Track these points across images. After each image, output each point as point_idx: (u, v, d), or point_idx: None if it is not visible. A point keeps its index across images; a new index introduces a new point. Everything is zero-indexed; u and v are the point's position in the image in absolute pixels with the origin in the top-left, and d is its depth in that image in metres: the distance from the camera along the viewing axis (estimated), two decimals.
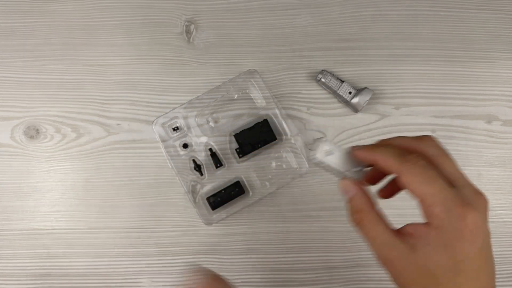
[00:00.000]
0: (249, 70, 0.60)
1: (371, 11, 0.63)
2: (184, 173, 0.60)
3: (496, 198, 0.62)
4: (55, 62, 0.62)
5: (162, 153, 0.60)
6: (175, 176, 0.60)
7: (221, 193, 0.59)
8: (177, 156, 0.60)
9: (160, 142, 0.60)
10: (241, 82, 0.61)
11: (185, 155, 0.60)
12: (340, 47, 0.63)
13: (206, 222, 0.59)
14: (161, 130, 0.60)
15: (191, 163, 0.60)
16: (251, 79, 0.60)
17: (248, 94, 0.61)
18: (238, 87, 0.61)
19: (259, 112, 0.61)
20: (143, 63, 0.62)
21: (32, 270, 0.61)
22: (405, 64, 0.63)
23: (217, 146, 0.61)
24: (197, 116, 0.60)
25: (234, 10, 0.63)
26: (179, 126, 0.60)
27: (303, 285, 0.61)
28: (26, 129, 0.61)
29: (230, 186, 0.59)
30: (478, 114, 0.63)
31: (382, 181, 0.37)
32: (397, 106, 0.62)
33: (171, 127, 0.60)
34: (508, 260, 0.61)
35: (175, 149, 0.60)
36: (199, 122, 0.61)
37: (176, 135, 0.60)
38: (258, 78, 0.60)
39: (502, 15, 0.64)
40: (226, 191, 0.59)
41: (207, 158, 0.60)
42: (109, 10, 0.63)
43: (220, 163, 0.60)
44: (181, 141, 0.60)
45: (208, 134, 0.61)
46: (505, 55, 0.63)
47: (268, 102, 0.61)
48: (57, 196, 0.61)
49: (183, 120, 0.60)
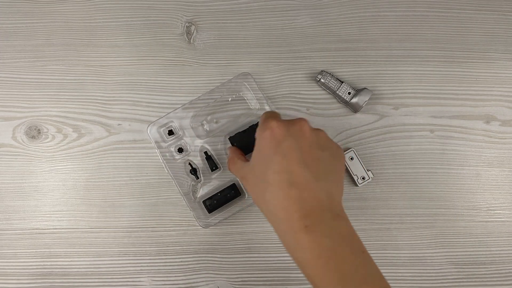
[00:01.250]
0: (243, 73, 0.61)
1: (370, 12, 0.64)
2: (180, 177, 0.60)
3: (495, 198, 0.62)
4: (56, 62, 0.63)
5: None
6: (175, 176, 0.60)
7: (217, 196, 0.59)
8: (173, 160, 0.60)
9: (156, 148, 0.60)
10: (235, 85, 0.61)
11: (181, 159, 0.61)
12: (339, 47, 0.63)
13: (203, 225, 0.59)
14: (156, 135, 0.60)
15: (187, 167, 0.60)
16: (245, 82, 0.61)
17: (242, 97, 0.61)
18: (231, 90, 0.61)
19: (254, 113, 0.61)
20: (144, 64, 0.63)
21: (33, 269, 0.61)
22: (404, 64, 0.63)
23: (212, 149, 0.61)
24: (191, 120, 0.61)
25: (234, 11, 0.63)
26: (173, 130, 0.60)
27: (302, 284, 0.61)
28: (27, 129, 0.62)
29: (226, 189, 0.59)
30: (477, 114, 0.63)
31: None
32: (396, 107, 0.63)
33: (166, 131, 0.60)
34: (507, 260, 0.62)
35: (171, 154, 0.61)
36: (193, 126, 0.61)
37: (171, 140, 0.60)
38: (251, 81, 0.60)
39: (500, 15, 0.64)
40: (222, 193, 0.59)
41: (202, 161, 0.61)
42: (110, 11, 0.63)
43: (215, 166, 0.60)
44: (176, 145, 0.60)
45: (203, 137, 0.61)
46: (504, 56, 0.63)
47: (262, 103, 0.61)
48: (58, 195, 0.62)
49: (178, 124, 0.61)
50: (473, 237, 0.62)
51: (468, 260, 0.62)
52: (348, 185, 0.62)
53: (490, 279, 0.61)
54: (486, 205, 0.62)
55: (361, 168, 0.61)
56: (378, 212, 0.62)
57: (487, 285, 0.61)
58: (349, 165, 0.61)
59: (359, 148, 0.62)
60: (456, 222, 0.62)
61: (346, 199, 0.61)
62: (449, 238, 0.62)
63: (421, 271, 0.61)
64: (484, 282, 0.61)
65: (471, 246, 0.62)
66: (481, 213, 0.62)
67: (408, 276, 0.61)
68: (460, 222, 0.62)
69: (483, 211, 0.62)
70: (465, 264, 0.62)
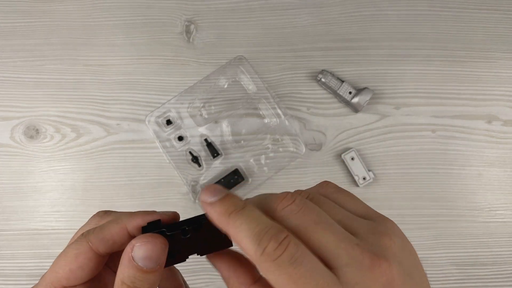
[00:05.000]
0: (238, 56, 0.60)
1: (371, 11, 0.63)
2: (182, 166, 0.60)
3: (496, 198, 0.62)
4: (55, 62, 0.62)
5: (162, 153, 0.60)
6: (174, 176, 0.60)
7: (220, 183, 0.59)
8: (173, 150, 0.60)
9: (156, 138, 0.60)
10: (230, 70, 0.61)
11: (181, 148, 0.60)
12: (340, 47, 0.63)
13: None
14: (155, 126, 0.60)
15: (188, 156, 0.60)
16: (240, 66, 0.61)
17: (238, 81, 0.61)
18: (227, 75, 0.61)
19: (251, 97, 0.61)
20: (143, 63, 0.62)
21: (32, 270, 0.60)
22: (405, 64, 0.63)
23: (212, 136, 0.61)
24: (189, 108, 0.61)
25: (234, 10, 0.63)
26: (171, 119, 0.60)
27: None
28: (25, 129, 0.61)
29: (229, 175, 0.59)
30: (478, 114, 0.63)
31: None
32: (397, 106, 0.62)
33: (164, 121, 0.60)
34: (508, 260, 0.61)
35: (171, 143, 0.60)
36: (191, 114, 0.61)
37: (170, 129, 0.60)
38: (247, 64, 0.60)
39: (502, 15, 0.64)
40: (226, 179, 0.59)
41: (203, 149, 0.61)
42: (109, 10, 0.63)
43: (216, 153, 0.60)
44: (176, 134, 0.60)
45: (202, 124, 0.61)
46: (506, 55, 0.63)
47: (259, 87, 0.61)
48: (56, 196, 0.61)
49: (175, 113, 0.61)
50: (474, 237, 0.62)
51: (470, 260, 0.61)
52: (349, 186, 0.61)
53: (492, 280, 0.61)
54: (487, 206, 0.62)
55: (362, 168, 0.60)
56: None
57: (488, 286, 0.61)
58: (350, 165, 0.60)
59: (360, 148, 0.62)
60: (457, 222, 0.62)
61: None
62: (451, 238, 0.61)
63: None
64: (486, 283, 0.61)
65: (472, 246, 0.61)
66: (482, 213, 0.62)
67: None
68: (461, 223, 0.62)
69: (484, 212, 0.62)
70: (467, 264, 0.61)
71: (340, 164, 0.61)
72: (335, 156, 0.61)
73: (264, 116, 0.61)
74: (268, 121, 0.61)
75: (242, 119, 0.60)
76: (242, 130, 0.61)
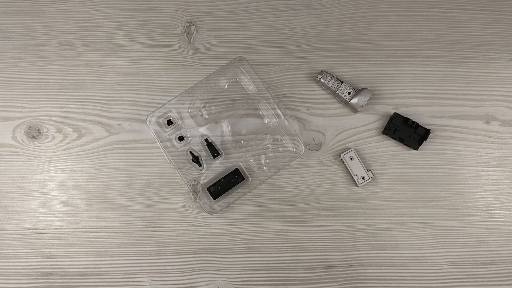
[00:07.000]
0: (238, 57, 0.61)
1: (370, 12, 0.64)
2: (183, 166, 0.60)
3: (495, 198, 0.62)
4: (56, 62, 0.63)
5: (162, 153, 0.60)
6: (175, 176, 0.60)
7: (221, 182, 0.59)
8: (174, 150, 0.61)
9: (156, 138, 0.60)
10: (230, 71, 0.61)
11: (182, 148, 0.61)
12: (340, 48, 0.63)
13: (209, 212, 0.60)
14: (156, 126, 0.61)
15: (189, 156, 0.60)
16: (240, 66, 0.61)
17: (238, 82, 0.61)
18: (228, 75, 0.61)
19: (252, 97, 0.61)
20: (144, 64, 0.63)
21: (33, 269, 0.61)
22: (404, 64, 0.63)
23: (212, 136, 0.61)
24: (189, 108, 0.61)
25: (234, 11, 0.63)
26: (172, 119, 0.61)
27: (302, 284, 0.61)
28: (27, 129, 0.62)
29: (229, 174, 0.60)
30: (477, 114, 0.63)
31: None
32: (396, 107, 0.63)
33: (164, 121, 0.61)
34: (507, 259, 0.62)
35: (171, 143, 0.61)
36: (192, 114, 0.61)
37: (171, 129, 0.61)
38: (247, 65, 0.61)
39: (500, 16, 0.64)
40: (226, 179, 0.60)
41: (203, 149, 0.61)
42: (110, 11, 0.63)
43: (217, 153, 0.60)
44: (177, 134, 0.61)
45: (202, 125, 0.61)
46: (504, 56, 0.63)
47: (259, 88, 0.61)
48: (58, 196, 0.62)
49: (176, 114, 0.61)
50: (473, 237, 0.62)
51: (468, 260, 0.62)
52: (348, 185, 0.62)
53: (490, 279, 0.61)
54: (486, 205, 0.62)
55: (361, 168, 0.61)
56: (378, 212, 0.62)
57: (487, 285, 0.61)
58: (349, 165, 0.61)
59: (359, 148, 0.62)
60: (456, 222, 0.62)
61: (346, 199, 0.61)
62: (449, 238, 0.62)
63: (421, 271, 0.61)
64: (484, 282, 0.61)
65: (471, 246, 0.62)
66: (481, 213, 0.62)
67: (408, 276, 0.61)
68: (460, 222, 0.62)
69: (483, 211, 0.62)
70: (465, 264, 0.62)
71: (339, 164, 0.62)
72: (335, 156, 0.62)
73: (264, 116, 0.62)
74: (268, 121, 0.62)
75: (242, 119, 0.60)
76: (242, 130, 0.61)
